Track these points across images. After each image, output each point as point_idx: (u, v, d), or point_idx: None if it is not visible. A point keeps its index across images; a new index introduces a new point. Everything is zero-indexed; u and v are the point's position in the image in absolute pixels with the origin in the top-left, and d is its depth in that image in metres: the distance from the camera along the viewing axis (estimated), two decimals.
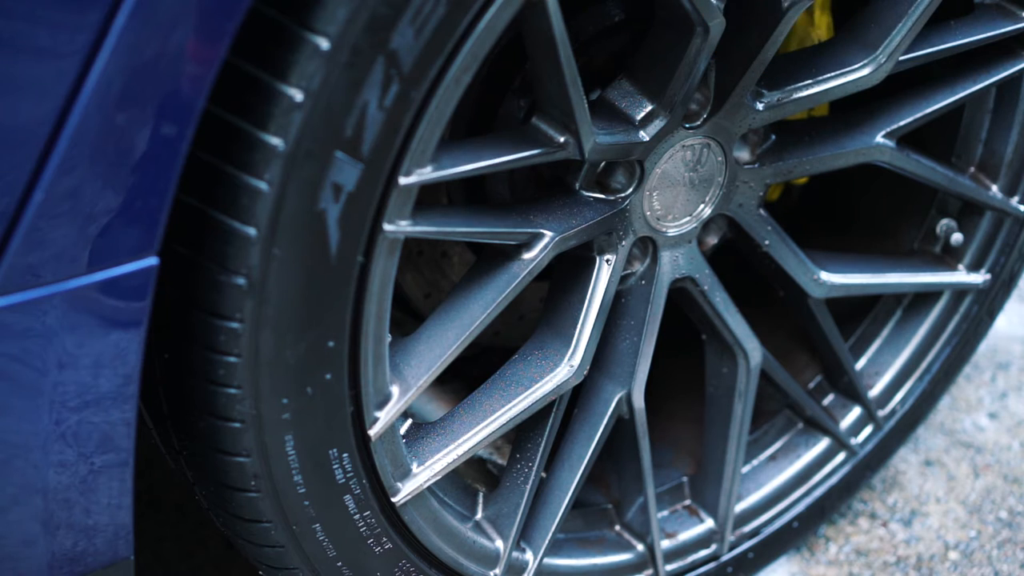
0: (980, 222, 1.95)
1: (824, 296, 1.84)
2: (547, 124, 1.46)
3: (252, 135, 1.20)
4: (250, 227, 1.23)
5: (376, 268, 1.33)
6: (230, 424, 1.34)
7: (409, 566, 1.58)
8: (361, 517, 1.49)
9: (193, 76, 1.12)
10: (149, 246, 1.17)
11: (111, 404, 1.23)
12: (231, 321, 1.27)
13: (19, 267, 1.11)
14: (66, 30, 1.05)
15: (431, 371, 1.47)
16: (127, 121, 1.10)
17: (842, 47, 1.66)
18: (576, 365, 1.62)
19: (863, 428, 2.04)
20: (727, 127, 1.61)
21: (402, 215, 1.32)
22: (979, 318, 2.03)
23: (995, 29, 1.74)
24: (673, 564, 1.90)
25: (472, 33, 1.26)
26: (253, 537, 1.46)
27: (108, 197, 1.13)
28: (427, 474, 1.53)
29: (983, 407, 2.44)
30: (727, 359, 1.82)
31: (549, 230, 1.52)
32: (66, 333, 1.17)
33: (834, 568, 2.09)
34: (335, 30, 1.17)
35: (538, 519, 1.72)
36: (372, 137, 1.24)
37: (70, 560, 1.30)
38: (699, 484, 1.93)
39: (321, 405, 1.37)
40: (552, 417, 1.65)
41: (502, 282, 1.52)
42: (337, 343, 1.34)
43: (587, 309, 1.63)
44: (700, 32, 1.46)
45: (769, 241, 1.76)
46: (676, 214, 1.65)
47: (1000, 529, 2.18)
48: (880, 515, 2.19)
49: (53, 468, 1.23)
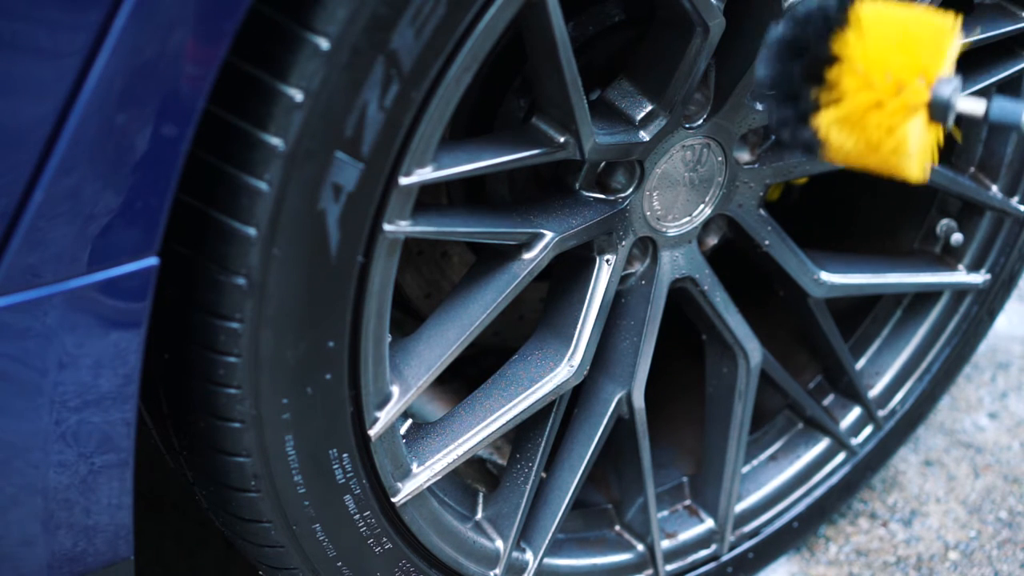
0: (980, 222, 1.95)
1: (824, 296, 1.84)
2: (547, 124, 1.46)
3: (252, 135, 1.20)
4: (250, 227, 1.23)
5: (376, 268, 1.33)
6: (230, 424, 1.34)
7: (409, 566, 1.58)
8: (361, 517, 1.49)
9: (193, 76, 1.12)
10: (149, 246, 1.17)
11: (111, 404, 1.23)
12: (231, 321, 1.27)
13: (19, 267, 1.11)
14: (66, 30, 1.05)
15: (431, 371, 1.47)
16: (127, 121, 1.10)
17: None
18: (576, 365, 1.62)
19: (863, 428, 2.04)
20: (727, 127, 1.61)
21: (402, 215, 1.32)
22: (979, 318, 2.03)
23: (995, 29, 1.74)
24: (673, 564, 1.90)
25: (472, 33, 1.26)
26: (253, 537, 1.46)
27: (108, 197, 1.13)
28: (427, 474, 1.53)
29: (983, 407, 2.44)
30: (727, 359, 1.82)
31: (549, 230, 1.52)
32: (66, 333, 1.17)
33: (834, 568, 2.09)
34: (335, 30, 1.17)
35: (538, 519, 1.72)
36: (372, 137, 1.24)
37: (70, 560, 1.30)
38: (699, 484, 1.93)
39: (321, 405, 1.37)
40: (552, 417, 1.65)
41: (502, 282, 1.52)
42: (337, 343, 1.34)
43: (587, 309, 1.63)
44: (700, 32, 1.46)
45: (769, 241, 1.76)
46: (676, 214, 1.65)
47: (1000, 529, 2.18)
48: (880, 515, 2.19)
49: (53, 468, 1.23)
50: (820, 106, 1.28)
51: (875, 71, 1.26)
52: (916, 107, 1.27)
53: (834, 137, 1.28)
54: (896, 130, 1.27)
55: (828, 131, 1.28)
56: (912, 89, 1.26)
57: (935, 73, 1.27)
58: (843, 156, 1.31)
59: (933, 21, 1.29)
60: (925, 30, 1.28)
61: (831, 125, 1.28)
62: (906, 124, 1.27)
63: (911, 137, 1.27)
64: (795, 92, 1.30)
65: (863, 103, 1.27)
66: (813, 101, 1.29)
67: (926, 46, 1.27)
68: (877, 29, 1.27)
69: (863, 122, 1.27)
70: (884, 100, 1.27)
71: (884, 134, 1.27)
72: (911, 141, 1.27)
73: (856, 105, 1.27)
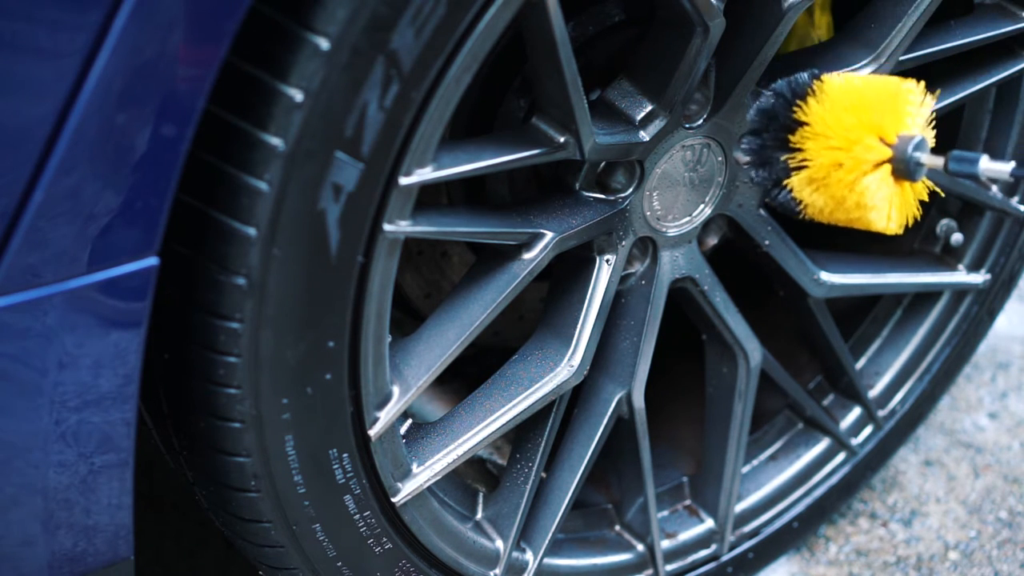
0: (980, 222, 1.95)
1: (824, 296, 1.84)
2: (547, 124, 1.46)
3: (252, 135, 1.20)
4: (250, 227, 1.23)
5: (376, 268, 1.33)
6: (230, 424, 1.34)
7: (409, 566, 1.58)
8: (361, 517, 1.49)
9: (193, 76, 1.12)
10: (149, 246, 1.17)
11: (111, 404, 1.23)
12: (231, 321, 1.27)
13: (19, 267, 1.11)
14: (66, 30, 1.05)
15: (431, 371, 1.47)
16: (127, 121, 1.10)
17: (842, 47, 1.65)
18: (576, 365, 1.62)
19: (863, 428, 2.04)
20: (727, 127, 1.61)
21: (402, 215, 1.32)
22: (979, 318, 2.03)
23: (995, 29, 1.74)
24: (673, 564, 1.90)
25: (472, 33, 1.26)
26: (253, 537, 1.46)
27: (108, 197, 1.13)
28: (427, 474, 1.53)
29: (983, 407, 2.44)
30: (727, 359, 1.82)
31: (549, 230, 1.52)
32: (66, 333, 1.17)
33: (834, 568, 2.09)
34: (335, 30, 1.17)
35: (538, 519, 1.72)
36: (372, 137, 1.24)
37: (70, 560, 1.30)
38: (699, 484, 1.93)
39: (321, 405, 1.37)
40: (552, 417, 1.65)
41: (502, 282, 1.52)
42: (337, 343, 1.34)
43: (587, 309, 1.63)
44: (700, 32, 1.46)
45: (769, 241, 1.76)
46: (676, 214, 1.65)
47: (1000, 529, 2.18)
48: (880, 515, 2.19)
49: (53, 468, 1.23)
50: (791, 170, 1.41)
51: (834, 133, 1.38)
52: (872, 163, 1.37)
53: (807, 197, 1.41)
54: (855, 185, 1.37)
55: (801, 192, 1.41)
56: (864, 146, 1.37)
57: (894, 132, 1.37)
58: (818, 213, 1.43)
59: (891, 86, 1.40)
60: (882, 94, 1.39)
61: (803, 186, 1.41)
62: (863, 179, 1.37)
63: (871, 192, 1.37)
64: (768, 159, 1.44)
65: (826, 163, 1.38)
66: (784, 166, 1.42)
67: (882, 108, 1.38)
68: (837, 96, 1.39)
69: (828, 180, 1.39)
70: (842, 159, 1.38)
71: (846, 190, 1.39)
72: (872, 195, 1.37)
73: (820, 165, 1.38)
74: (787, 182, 1.43)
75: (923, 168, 1.38)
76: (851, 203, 1.39)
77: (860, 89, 1.41)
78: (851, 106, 1.39)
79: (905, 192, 1.40)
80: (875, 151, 1.37)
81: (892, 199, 1.39)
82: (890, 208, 1.39)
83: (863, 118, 1.38)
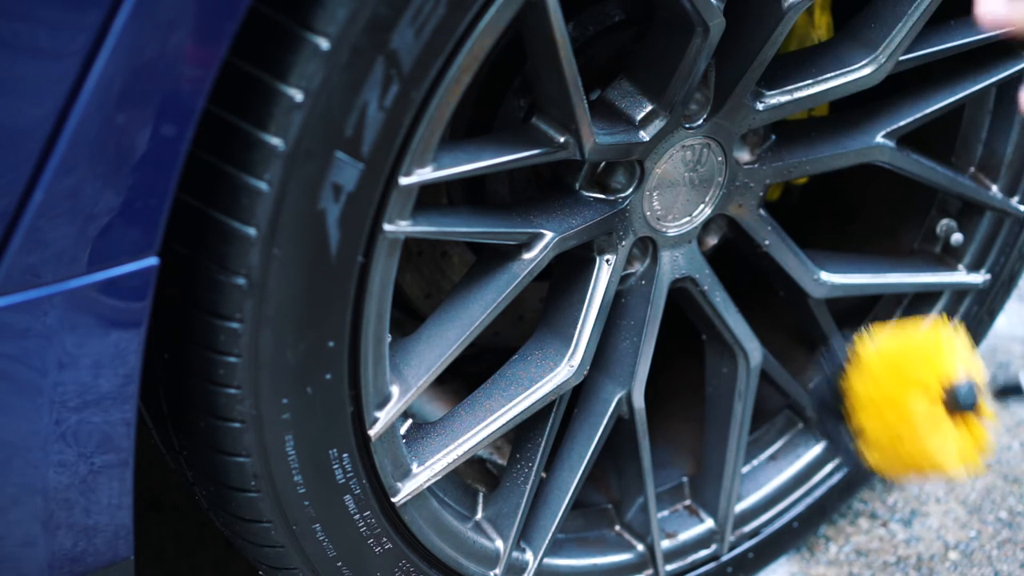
0: (980, 222, 1.95)
1: (824, 296, 1.84)
2: (547, 124, 1.46)
3: (252, 135, 1.20)
4: (250, 227, 1.23)
5: (376, 268, 1.33)
6: (230, 424, 1.34)
7: (409, 566, 1.58)
8: (361, 517, 1.49)
9: (193, 76, 1.12)
10: (149, 246, 1.17)
11: (111, 404, 1.23)
12: (231, 321, 1.27)
13: (19, 267, 1.11)
14: (66, 30, 1.05)
15: (431, 371, 1.47)
16: (127, 121, 1.10)
17: (842, 47, 1.65)
18: (576, 365, 1.62)
19: None
20: (727, 127, 1.61)
21: (402, 215, 1.32)
22: (979, 318, 2.03)
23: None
24: (673, 564, 1.90)
25: (472, 33, 1.26)
26: (253, 537, 1.46)
27: (108, 197, 1.13)
28: (427, 474, 1.53)
29: None
30: (727, 359, 1.82)
31: (549, 230, 1.52)
32: (66, 333, 1.17)
33: (834, 568, 2.09)
34: (335, 30, 1.17)
35: (538, 519, 1.72)
36: (372, 137, 1.24)
37: (70, 560, 1.30)
38: (699, 484, 1.93)
39: (321, 405, 1.37)
40: (552, 417, 1.65)
41: (502, 282, 1.52)
42: (337, 343, 1.34)
43: (587, 309, 1.63)
44: (700, 32, 1.46)
45: (769, 241, 1.76)
46: (676, 214, 1.65)
47: (1000, 529, 2.18)
48: (880, 515, 2.19)
49: (53, 468, 1.23)
50: (853, 435, 1.45)
51: (878, 399, 1.42)
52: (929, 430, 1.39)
53: (871, 456, 1.45)
54: (905, 439, 1.40)
55: (866, 452, 1.45)
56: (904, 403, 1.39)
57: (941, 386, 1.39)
58: (886, 469, 1.48)
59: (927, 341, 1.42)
60: (918, 352, 1.42)
61: (866, 447, 1.44)
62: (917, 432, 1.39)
63: (928, 441, 1.39)
64: (834, 431, 1.48)
65: (878, 427, 1.42)
66: (847, 432, 1.46)
67: (922, 364, 1.40)
68: (875, 366, 1.42)
69: (883, 440, 1.42)
70: (888, 419, 1.41)
71: (915, 461, 1.42)
72: (939, 457, 1.40)
73: (872, 428, 1.42)
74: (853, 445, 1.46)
75: (979, 404, 1.40)
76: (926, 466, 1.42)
77: (896, 353, 1.42)
78: (891, 370, 1.41)
79: (969, 423, 1.41)
80: (929, 418, 1.39)
81: (959, 443, 1.41)
82: (961, 451, 1.41)
83: (900, 377, 1.40)
